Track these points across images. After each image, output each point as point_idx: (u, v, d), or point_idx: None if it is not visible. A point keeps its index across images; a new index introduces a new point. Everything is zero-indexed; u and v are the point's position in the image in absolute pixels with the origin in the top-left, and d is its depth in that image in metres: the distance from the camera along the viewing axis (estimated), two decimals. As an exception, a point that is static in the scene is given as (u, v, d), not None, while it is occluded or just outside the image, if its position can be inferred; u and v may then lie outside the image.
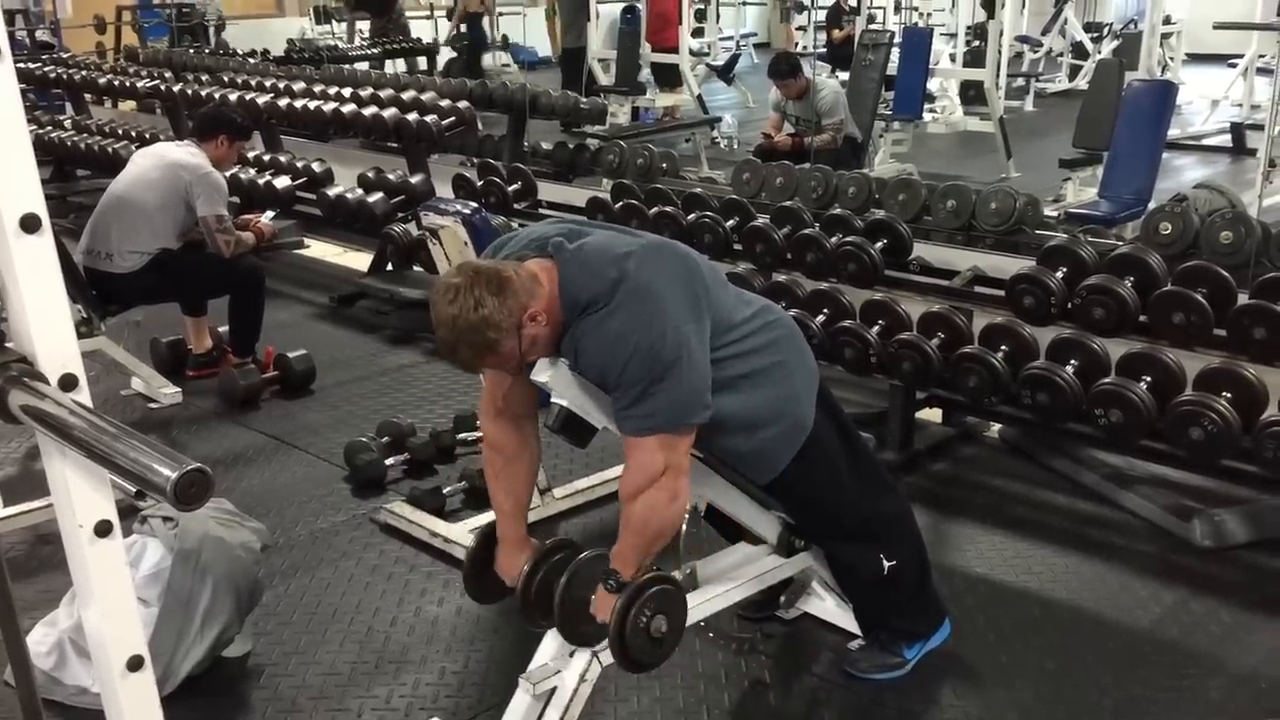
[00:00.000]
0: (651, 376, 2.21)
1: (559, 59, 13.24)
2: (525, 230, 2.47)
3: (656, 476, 2.26)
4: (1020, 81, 12.18)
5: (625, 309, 2.23)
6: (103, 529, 1.39)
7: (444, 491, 3.77)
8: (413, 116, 6.53)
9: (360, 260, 6.67)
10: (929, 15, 12.19)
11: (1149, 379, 3.49)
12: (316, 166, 6.45)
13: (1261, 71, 10.64)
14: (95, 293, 4.58)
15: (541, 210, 5.68)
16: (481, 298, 2.17)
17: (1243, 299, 3.51)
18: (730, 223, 4.74)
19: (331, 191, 6.17)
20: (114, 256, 4.53)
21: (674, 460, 2.28)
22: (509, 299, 2.19)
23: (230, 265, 4.81)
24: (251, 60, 10.20)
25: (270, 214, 5.62)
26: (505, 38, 14.79)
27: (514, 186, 5.81)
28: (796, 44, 15.20)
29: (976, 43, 11.52)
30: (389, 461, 4.02)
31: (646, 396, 2.23)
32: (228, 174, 5.21)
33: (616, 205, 5.11)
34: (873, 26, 10.82)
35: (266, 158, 6.77)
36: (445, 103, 6.77)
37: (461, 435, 4.20)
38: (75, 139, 7.42)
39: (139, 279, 4.57)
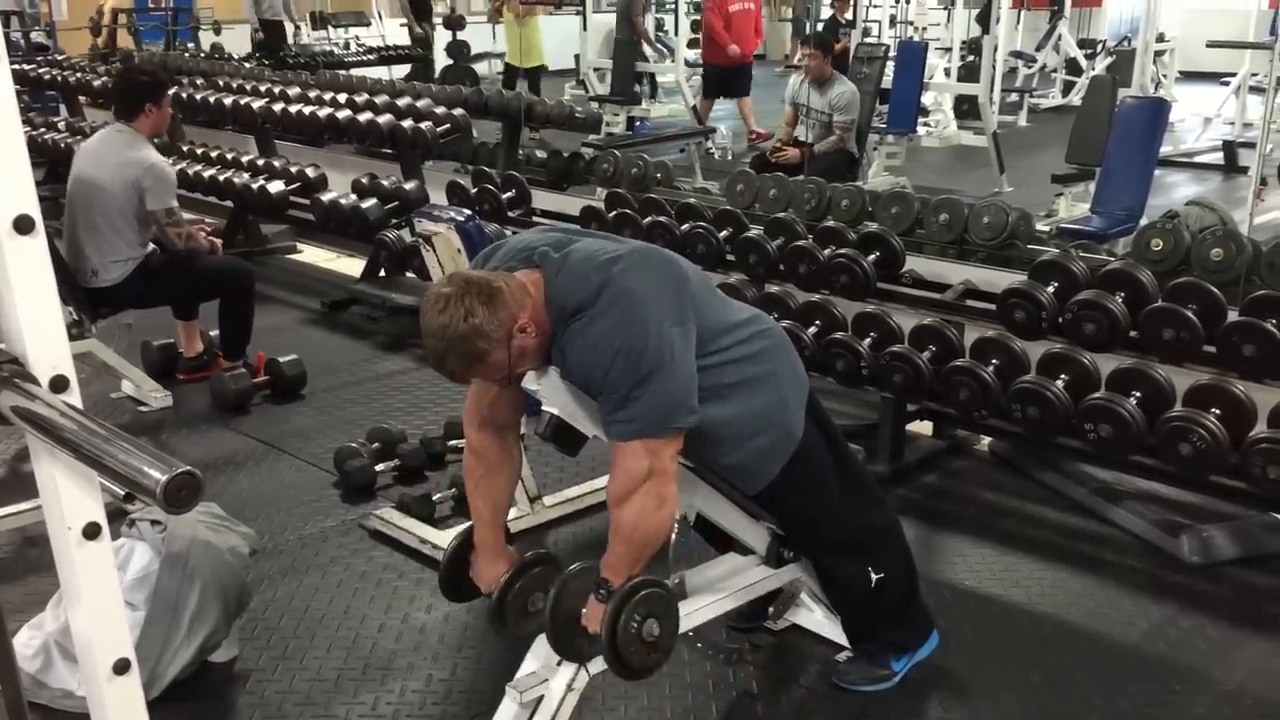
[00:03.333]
0: (635, 380, 2.21)
1: (253, 33, 12.71)
2: (513, 239, 2.47)
3: (642, 481, 2.26)
4: (1014, 97, 12.23)
5: (608, 314, 2.23)
6: (91, 531, 1.39)
7: (434, 498, 3.76)
8: (407, 123, 6.54)
9: (353, 266, 6.66)
10: (924, 29, 12.24)
11: (1139, 394, 3.50)
12: (310, 172, 6.44)
13: (1254, 90, 10.71)
14: (88, 299, 4.57)
15: (535, 218, 5.67)
16: (472, 307, 2.18)
17: (1233, 316, 3.52)
18: (724, 233, 4.74)
19: (325, 197, 6.17)
20: (99, 272, 4.54)
21: (660, 465, 2.27)
22: (499, 309, 2.20)
23: (219, 269, 4.80)
24: (247, 65, 10.20)
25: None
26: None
27: (508, 194, 5.81)
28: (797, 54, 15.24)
29: (971, 57, 11.55)
30: (379, 468, 4.02)
31: (630, 401, 2.23)
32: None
33: (610, 215, 5.11)
34: (868, 40, 10.85)
35: (261, 162, 6.77)
36: (440, 109, 6.77)
37: (452, 442, 4.19)
38: (69, 141, 7.40)
39: (127, 287, 4.59)
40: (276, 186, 6.39)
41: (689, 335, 2.31)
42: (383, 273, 6.10)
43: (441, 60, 13.30)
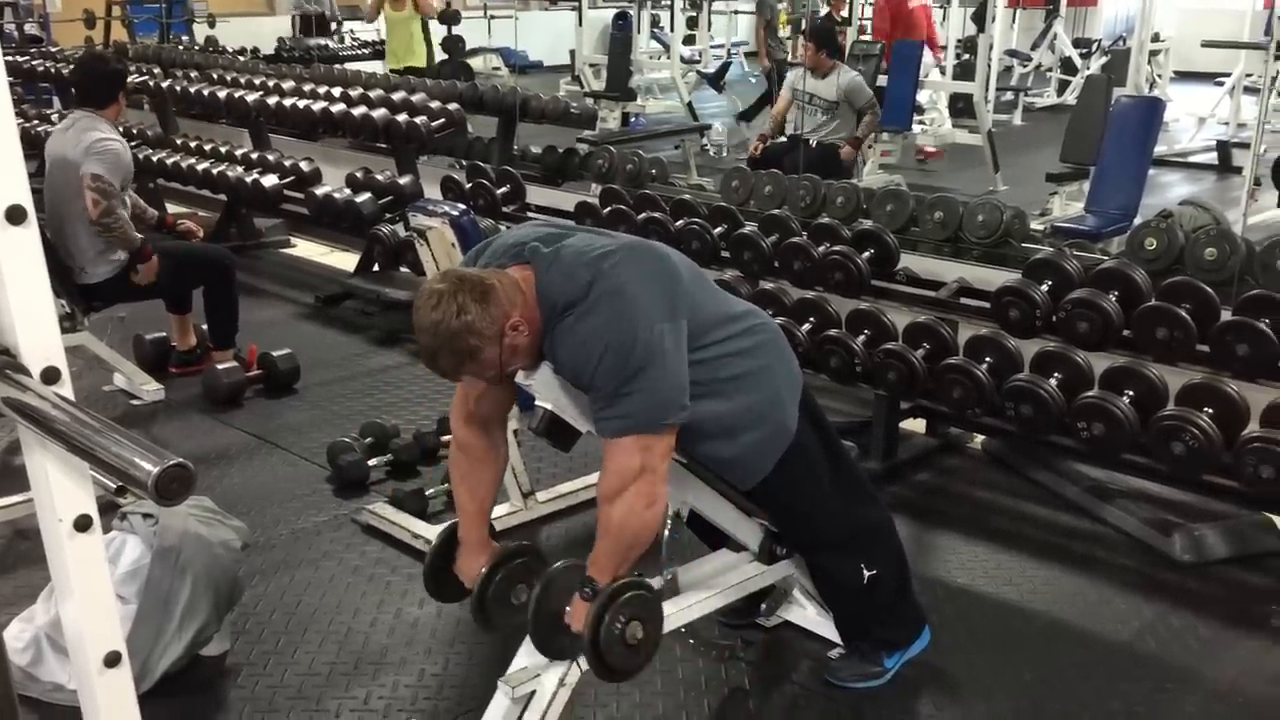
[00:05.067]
0: (625, 376, 2.21)
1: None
2: (504, 235, 2.46)
3: (633, 479, 2.25)
4: (1009, 95, 12.23)
5: (599, 311, 2.23)
6: (82, 524, 1.38)
7: (426, 493, 3.76)
8: (402, 117, 6.52)
9: (347, 260, 6.66)
10: (920, 27, 12.22)
11: (1132, 393, 3.51)
12: (305, 165, 6.43)
13: (1248, 90, 10.71)
14: (80, 293, 4.56)
15: (530, 214, 5.67)
16: (464, 304, 2.17)
17: (1226, 315, 3.53)
18: (718, 230, 4.74)
19: (319, 191, 6.16)
20: (86, 269, 4.52)
21: (651, 463, 2.26)
22: (492, 307, 2.20)
23: (196, 255, 4.78)
24: (241, 58, 10.17)
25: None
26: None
27: (502, 189, 5.80)
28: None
29: (966, 56, 11.56)
30: (372, 462, 4.01)
31: (621, 397, 2.22)
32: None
33: (605, 210, 5.11)
34: (864, 38, 10.85)
35: (255, 156, 6.76)
36: (435, 104, 6.76)
37: (445, 437, 4.18)
38: (61, 133, 7.37)
39: (116, 284, 4.59)
40: (270, 180, 6.37)
41: (680, 331, 2.30)
42: (377, 267, 6.09)
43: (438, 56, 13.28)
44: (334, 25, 13.79)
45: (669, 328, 2.27)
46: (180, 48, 10.69)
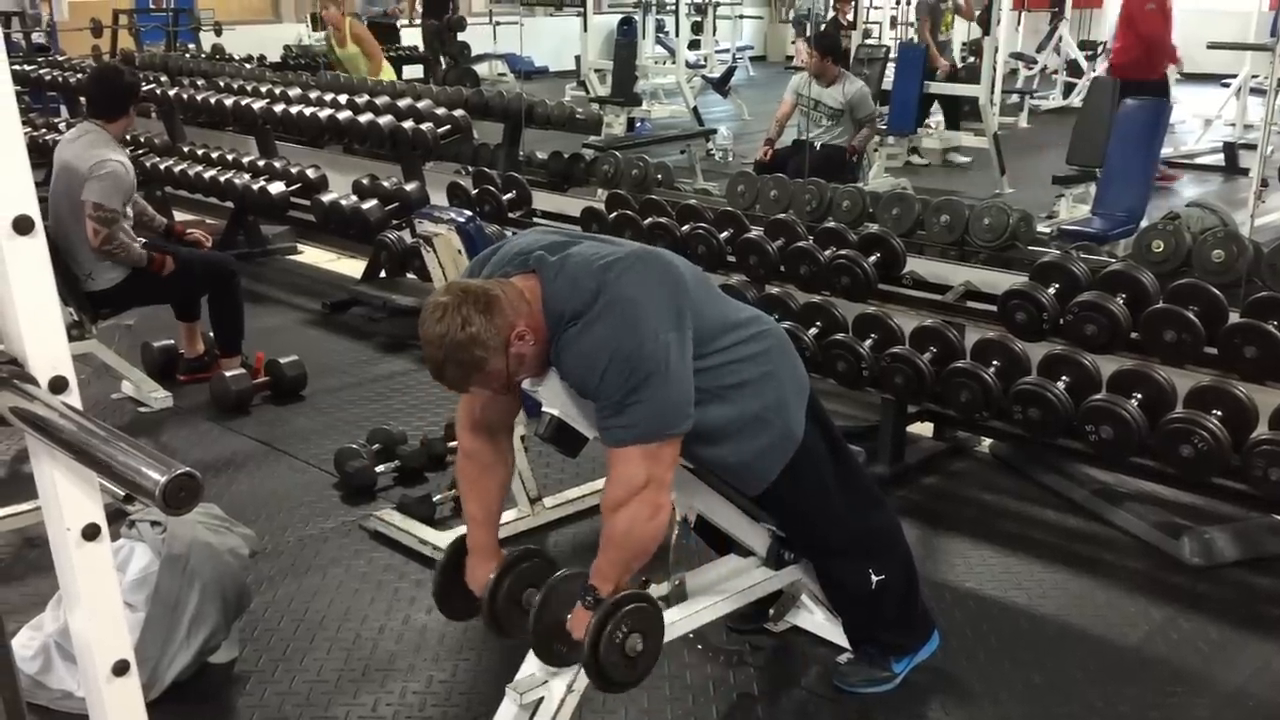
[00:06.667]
0: (630, 386, 2.21)
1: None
2: (509, 243, 2.46)
3: (639, 489, 2.25)
4: (1015, 98, 12.21)
5: (604, 320, 2.23)
6: (90, 532, 1.38)
7: (434, 500, 3.76)
8: (408, 124, 6.53)
9: (354, 267, 6.66)
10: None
11: (1140, 396, 3.50)
12: (311, 173, 6.44)
13: (1255, 91, 10.69)
14: (88, 300, 4.57)
15: (536, 220, 5.67)
16: (469, 316, 2.18)
17: (1234, 318, 3.52)
18: (724, 234, 4.74)
19: (326, 198, 6.16)
20: (94, 275, 4.53)
21: (656, 473, 2.26)
22: (496, 317, 2.20)
23: (199, 261, 4.79)
24: (248, 66, 10.19)
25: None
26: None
27: (509, 195, 5.80)
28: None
29: (972, 59, 11.55)
30: (379, 469, 4.02)
31: (626, 407, 2.22)
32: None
33: (611, 216, 5.11)
34: (869, 41, 10.85)
35: (261, 163, 6.77)
36: (441, 111, 6.77)
37: (452, 443, 4.16)
38: (69, 142, 7.39)
39: (123, 290, 4.60)
40: (277, 187, 6.38)
41: (685, 340, 2.30)
42: (383, 274, 6.10)
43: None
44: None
45: (674, 337, 2.27)
46: (187, 56, 10.71)
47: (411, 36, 13.75)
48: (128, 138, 4.82)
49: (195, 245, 5.02)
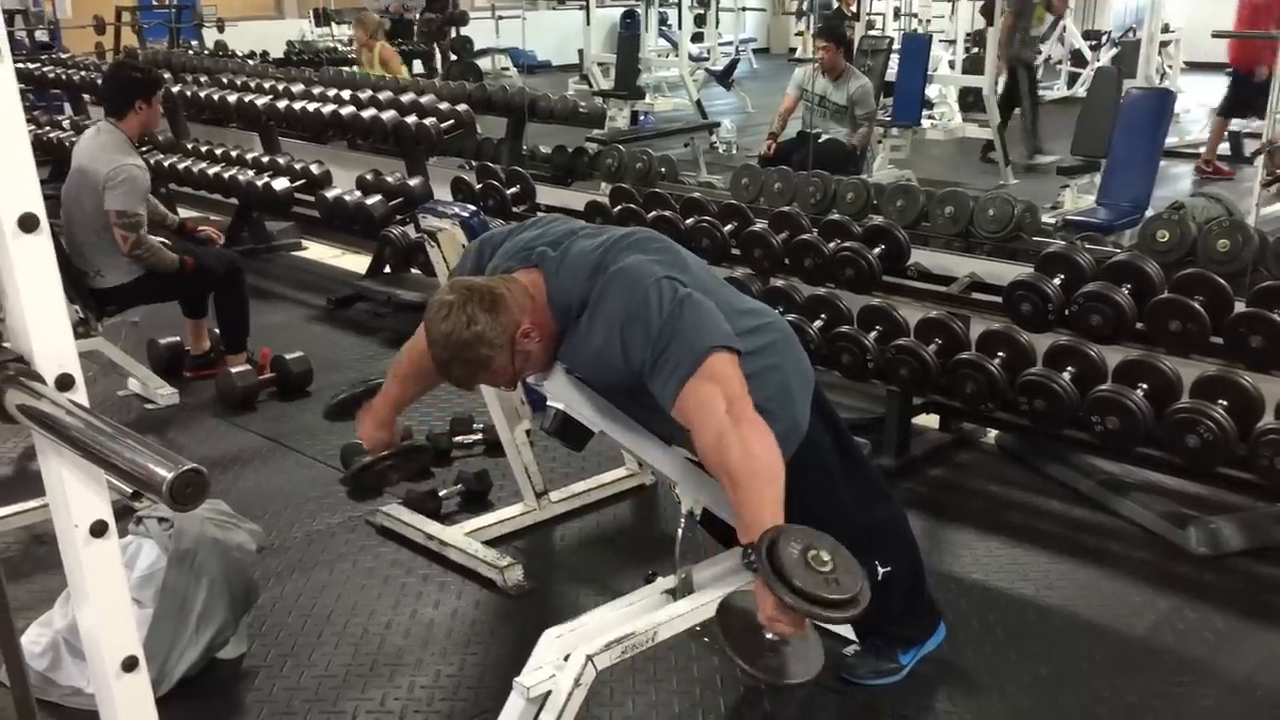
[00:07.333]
0: (651, 337, 2.18)
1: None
2: (512, 238, 2.46)
3: (723, 421, 2.10)
4: (1019, 89, 12.17)
5: (605, 297, 2.24)
6: (98, 529, 1.39)
7: (440, 494, 3.77)
8: (411, 119, 6.54)
9: (358, 262, 6.67)
10: (928, 22, 12.20)
11: (1146, 386, 3.50)
12: (315, 168, 6.45)
13: (1260, 80, 10.64)
14: (93, 297, 4.58)
15: (540, 214, 5.67)
16: (474, 315, 2.18)
17: (1240, 307, 3.51)
18: (728, 227, 4.74)
19: (330, 193, 6.17)
20: (102, 273, 4.54)
21: (729, 391, 2.12)
22: (502, 315, 2.20)
23: (203, 260, 4.79)
24: (251, 62, 10.20)
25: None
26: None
27: (512, 190, 5.81)
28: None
29: (975, 49, 11.53)
30: (385, 464, 4.02)
31: (660, 359, 2.17)
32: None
33: (615, 210, 5.11)
34: (872, 32, 10.82)
35: (265, 159, 6.77)
36: (444, 105, 6.77)
37: (458, 438, 4.20)
38: (74, 140, 7.39)
39: (129, 288, 4.61)
40: (281, 183, 6.39)
41: (690, 283, 2.28)
42: (388, 269, 6.11)
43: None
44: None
45: (675, 276, 2.26)
46: (190, 52, 10.72)
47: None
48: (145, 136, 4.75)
49: (207, 242, 5.03)
